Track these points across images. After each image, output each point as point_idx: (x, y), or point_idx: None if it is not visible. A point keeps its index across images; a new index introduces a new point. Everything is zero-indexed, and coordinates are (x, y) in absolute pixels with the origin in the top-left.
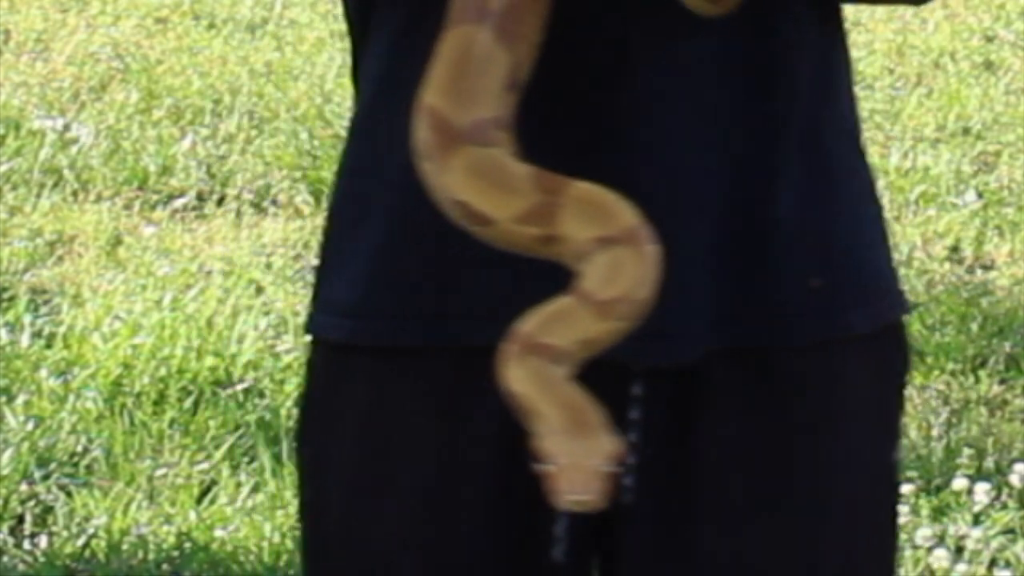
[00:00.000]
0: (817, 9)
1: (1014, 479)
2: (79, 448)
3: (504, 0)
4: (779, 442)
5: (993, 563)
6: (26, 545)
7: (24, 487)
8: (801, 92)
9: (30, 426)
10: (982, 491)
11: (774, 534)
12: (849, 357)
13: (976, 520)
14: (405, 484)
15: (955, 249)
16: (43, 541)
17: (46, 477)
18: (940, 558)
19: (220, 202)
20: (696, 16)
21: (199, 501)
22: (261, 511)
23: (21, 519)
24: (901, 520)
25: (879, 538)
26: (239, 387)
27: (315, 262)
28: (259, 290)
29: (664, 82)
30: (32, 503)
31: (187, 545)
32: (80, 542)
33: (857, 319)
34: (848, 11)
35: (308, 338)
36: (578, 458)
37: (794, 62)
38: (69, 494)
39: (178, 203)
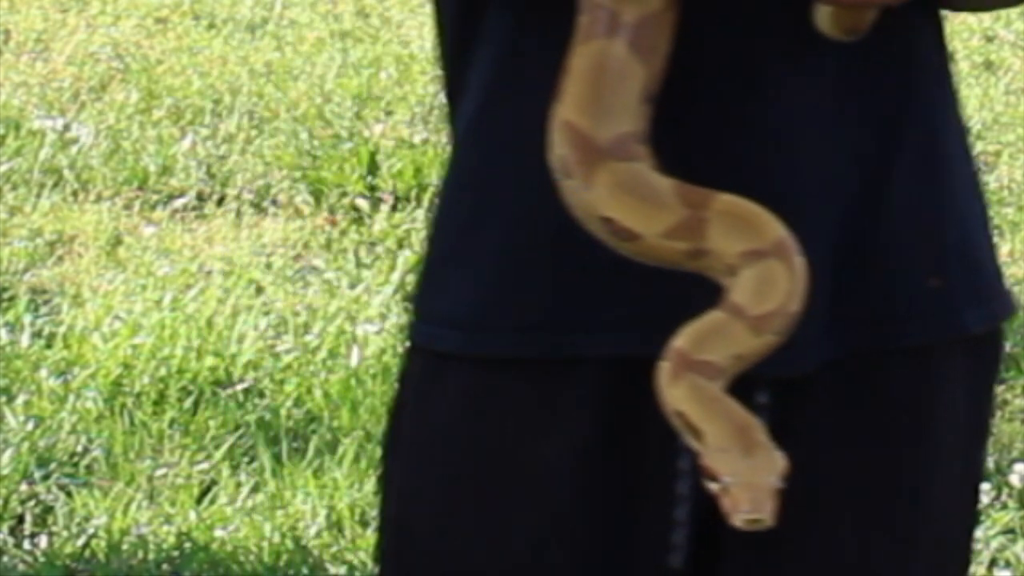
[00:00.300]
0: (931, 11)
1: (1014, 479)
2: (79, 448)
3: (637, 13)
4: (883, 452)
5: (993, 563)
6: (26, 545)
7: (24, 487)
8: (918, 89)
9: (30, 426)
10: (982, 491)
11: (875, 542)
12: (956, 359)
13: (976, 520)
14: (518, 503)
15: None
16: (43, 541)
17: (46, 477)
18: None
19: (220, 202)
20: None
21: (199, 501)
22: (261, 511)
23: (21, 519)
24: None
25: (964, 540)
26: (239, 387)
27: (315, 262)
28: (259, 290)
29: (790, 84)
30: (32, 503)
31: (187, 545)
32: (80, 542)
33: (972, 319)
34: None
35: (406, 346)
36: (750, 476)
37: (912, 59)
38: (69, 494)
39: (178, 203)
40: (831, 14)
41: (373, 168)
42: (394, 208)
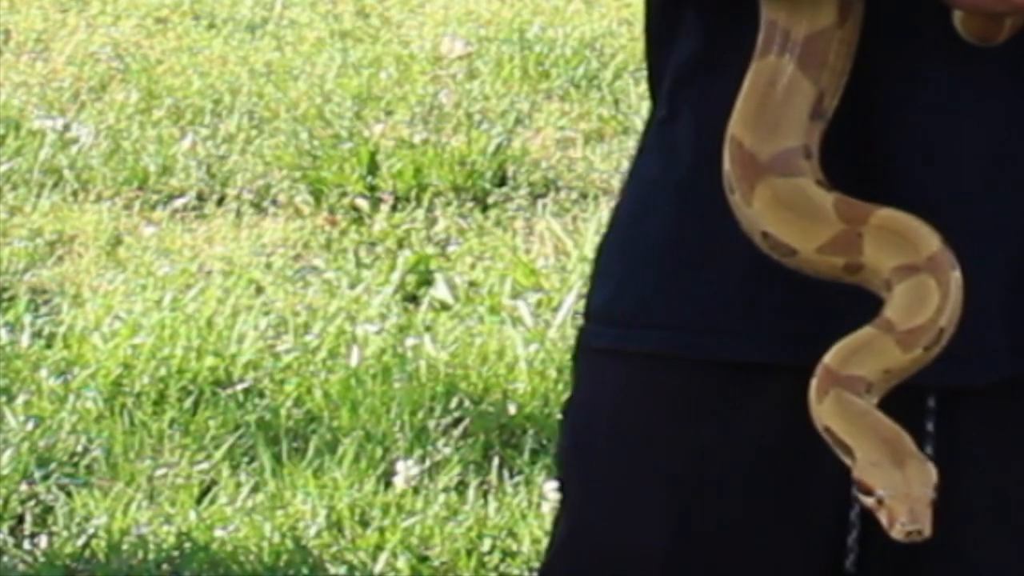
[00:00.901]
0: None
1: None
2: (79, 448)
3: (806, 29)
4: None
5: None
6: (26, 545)
7: (24, 487)
8: None
9: (30, 426)
10: None
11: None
12: None
13: None
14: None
15: None
16: (43, 541)
17: (46, 477)
18: None
19: (220, 202)
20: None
21: (199, 501)
22: (261, 511)
23: (21, 519)
24: None
25: None
26: (239, 387)
27: (315, 262)
28: (259, 290)
29: (954, 94)
30: (32, 503)
31: (187, 545)
32: (80, 542)
33: None
34: None
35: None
36: (905, 488)
37: None
38: (69, 494)
39: (178, 203)
40: (961, 19)
41: (373, 168)
42: (394, 208)
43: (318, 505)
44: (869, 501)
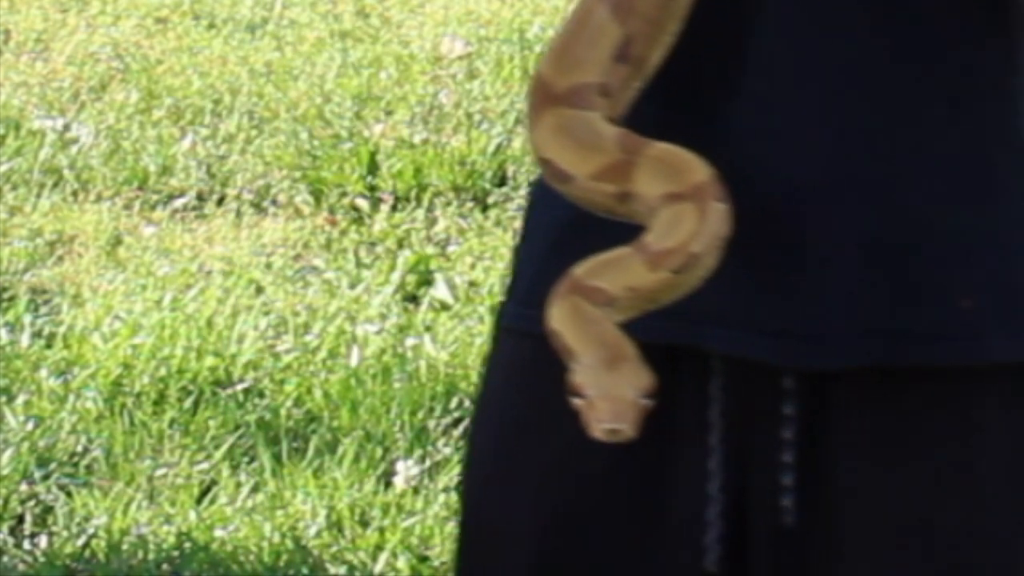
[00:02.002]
0: (997, 25)
1: None
2: (79, 448)
3: None
4: (913, 494)
5: None
6: (26, 545)
7: (24, 487)
8: (963, 100)
9: (30, 426)
10: None
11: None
12: (995, 392)
13: None
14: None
15: None
16: (43, 541)
17: (46, 477)
18: None
19: (220, 202)
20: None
21: (199, 501)
22: (261, 511)
23: (21, 519)
24: None
25: None
26: (239, 387)
27: (315, 262)
28: (259, 290)
29: (800, 72)
30: (32, 503)
31: (187, 545)
32: (80, 542)
33: (1001, 348)
34: None
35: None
36: (610, 389)
37: (956, 68)
38: (69, 494)
39: (178, 203)
40: None
41: (373, 168)
42: (394, 208)
43: (318, 505)
44: (577, 402)
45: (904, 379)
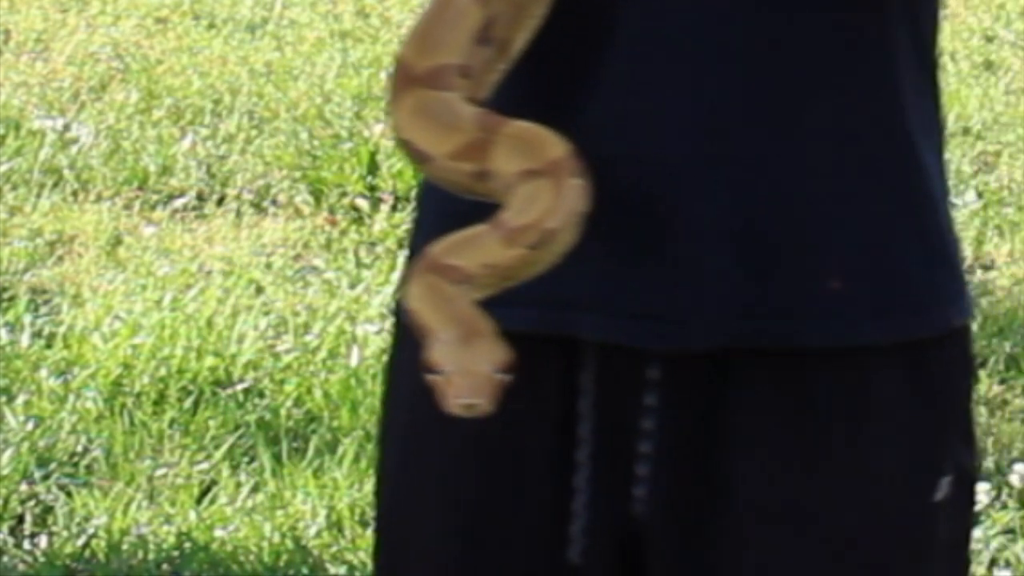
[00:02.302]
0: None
1: (1014, 479)
2: (79, 448)
3: None
4: (796, 470)
5: (993, 563)
6: (26, 545)
7: (24, 487)
8: (834, 81)
9: (30, 426)
10: (982, 491)
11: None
12: (879, 373)
13: (976, 520)
14: (437, 467)
15: None
16: (43, 541)
17: (46, 477)
18: None
19: (220, 202)
20: None
21: (199, 501)
22: (261, 511)
23: (21, 519)
24: None
25: (931, 551)
26: (239, 387)
27: (315, 262)
28: (259, 290)
29: (663, 63)
30: (32, 503)
31: (187, 545)
32: (80, 542)
33: (870, 329)
34: None
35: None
36: (466, 365)
37: (829, 51)
38: (69, 494)
39: (178, 203)
40: None
41: (373, 168)
42: (394, 208)
43: (318, 505)
44: (434, 378)
45: (761, 361)
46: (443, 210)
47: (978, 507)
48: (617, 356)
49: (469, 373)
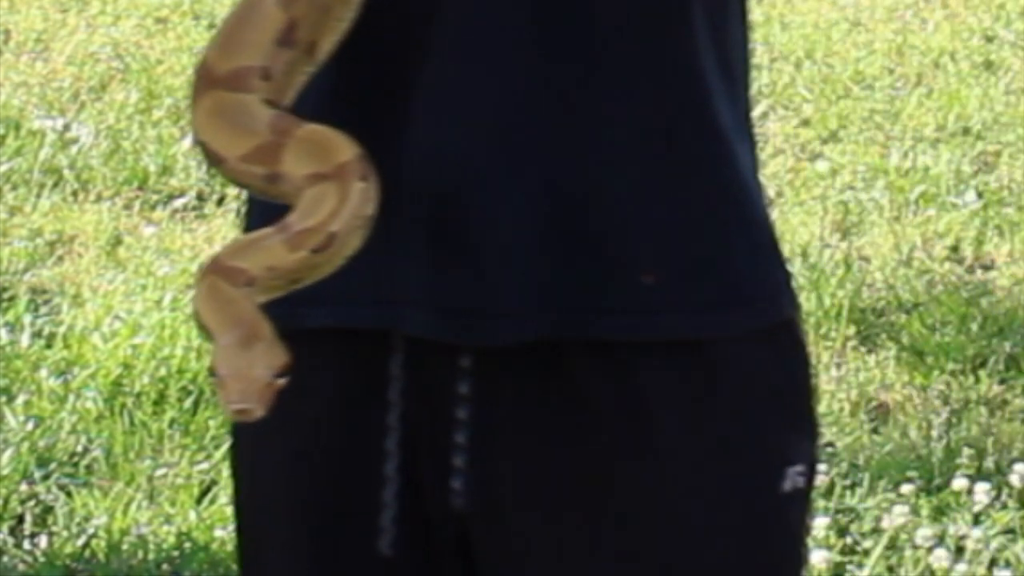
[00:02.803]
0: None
1: (1014, 479)
2: (79, 448)
3: None
4: (584, 470)
5: (993, 563)
6: (26, 545)
7: (24, 487)
8: (637, 72)
9: (30, 426)
10: (982, 491)
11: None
12: (706, 365)
13: (976, 520)
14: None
15: (955, 249)
16: (43, 541)
17: (46, 477)
18: (940, 558)
19: (220, 202)
20: None
21: (199, 501)
22: None
23: (21, 519)
24: (901, 520)
25: (739, 559)
26: None
27: None
28: None
29: (470, 58)
30: (32, 503)
31: (187, 545)
32: (80, 542)
33: (673, 324)
34: (848, 11)
35: None
36: (242, 369)
37: (613, 46)
38: (69, 494)
39: (178, 203)
40: None
41: None
42: None
43: None
44: (214, 380)
45: (576, 355)
46: (270, 213)
47: (978, 507)
48: (426, 345)
49: (244, 378)
